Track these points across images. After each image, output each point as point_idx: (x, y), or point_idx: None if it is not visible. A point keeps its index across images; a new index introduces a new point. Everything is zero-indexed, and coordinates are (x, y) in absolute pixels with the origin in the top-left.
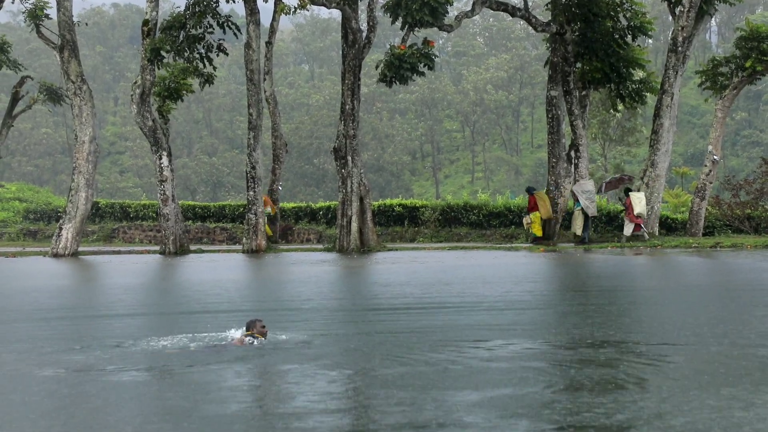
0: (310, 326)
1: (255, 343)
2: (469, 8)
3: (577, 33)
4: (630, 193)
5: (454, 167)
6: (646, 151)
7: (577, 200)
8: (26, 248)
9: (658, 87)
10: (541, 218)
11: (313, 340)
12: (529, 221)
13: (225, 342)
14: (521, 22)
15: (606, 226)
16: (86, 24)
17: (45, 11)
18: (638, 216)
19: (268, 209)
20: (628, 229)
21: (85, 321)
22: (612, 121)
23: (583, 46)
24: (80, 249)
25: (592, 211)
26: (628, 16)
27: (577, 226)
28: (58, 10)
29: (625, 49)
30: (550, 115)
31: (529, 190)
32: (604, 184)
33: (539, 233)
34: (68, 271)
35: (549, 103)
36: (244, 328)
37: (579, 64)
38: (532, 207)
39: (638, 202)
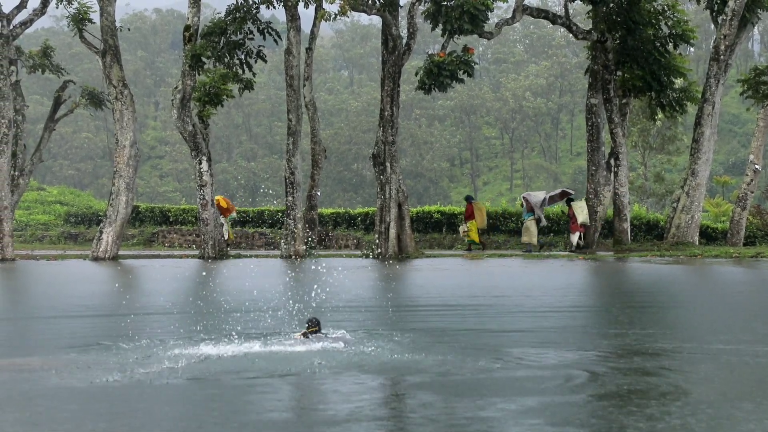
0: (350, 327)
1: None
2: (509, 15)
3: (618, 41)
4: (572, 203)
5: (493, 174)
6: (686, 159)
7: (530, 210)
8: (67, 251)
9: (700, 95)
10: (477, 227)
11: (356, 344)
12: (466, 229)
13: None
14: (562, 30)
15: (645, 234)
16: (128, 29)
17: (88, 16)
18: (582, 225)
19: (234, 214)
20: (574, 238)
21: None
22: (652, 130)
23: (624, 54)
24: (120, 252)
25: (543, 222)
26: (669, 24)
27: (533, 234)
28: (101, 15)
29: (667, 58)
30: (589, 123)
31: (468, 199)
32: (547, 198)
33: (477, 240)
34: (113, 274)
35: (589, 111)
36: (306, 325)
37: (619, 72)
38: (469, 215)
39: (580, 211)
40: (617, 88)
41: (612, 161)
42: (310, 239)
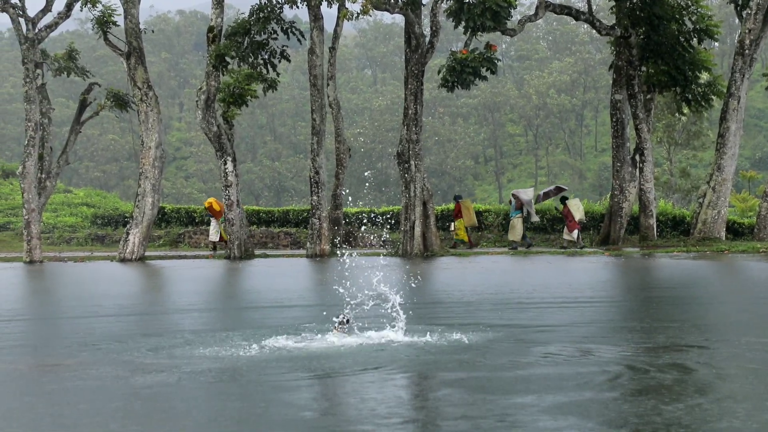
0: (374, 326)
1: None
2: (532, 12)
3: (641, 36)
4: (567, 201)
5: (517, 171)
6: (712, 154)
7: (518, 208)
8: (94, 253)
9: (725, 90)
10: (465, 225)
11: (384, 341)
12: (453, 228)
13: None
14: (585, 26)
15: (672, 230)
16: (152, 31)
17: (112, 18)
18: (579, 222)
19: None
20: (573, 235)
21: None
22: (677, 125)
23: (648, 50)
24: (147, 254)
25: (535, 219)
26: (693, 19)
27: (517, 233)
28: (125, 17)
29: (691, 52)
30: (614, 119)
31: (456, 198)
32: (542, 194)
33: (466, 239)
34: (140, 275)
35: (613, 107)
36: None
37: (644, 68)
38: (457, 214)
39: (576, 209)
40: (642, 84)
41: (637, 157)
42: (335, 238)
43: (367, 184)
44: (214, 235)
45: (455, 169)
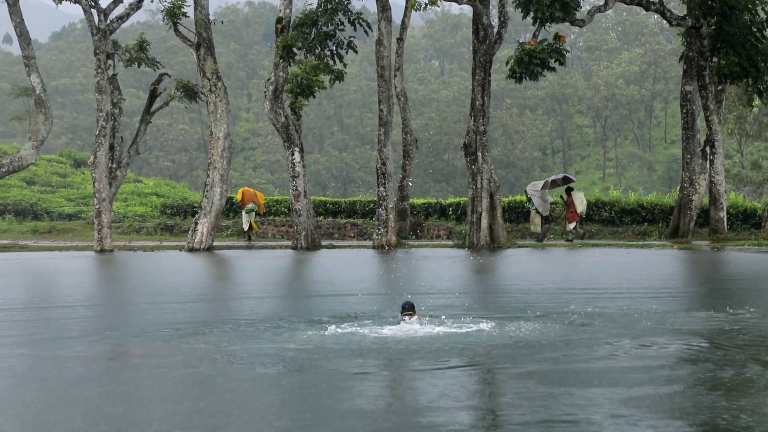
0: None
1: (414, 323)
2: (601, 3)
3: (713, 27)
4: (572, 192)
5: (585, 163)
6: None
7: (530, 200)
8: (163, 243)
9: None
10: None
11: (453, 333)
12: None
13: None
14: (655, 16)
15: (742, 223)
16: (222, 22)
17: (182, 9)
18: (579, 214)
19: (251, 205)
20: (570, 226)
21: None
22: (749, 116)
23: (720, 40)
24: (215, 243)
25: (544, 211)
26: (766, 8)
27: (536, 225)
28: (195, 8)
29: (764, 43)
30: (684, 111)
31: None
32: (549, 181)
33: None
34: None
35: (684, 98)
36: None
37: (715, 59)
38: None
39: (579, 201)
40: (713, 75)
41: (707, 149)
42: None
43: None
44: (245, 224)
45: (522, 160)
